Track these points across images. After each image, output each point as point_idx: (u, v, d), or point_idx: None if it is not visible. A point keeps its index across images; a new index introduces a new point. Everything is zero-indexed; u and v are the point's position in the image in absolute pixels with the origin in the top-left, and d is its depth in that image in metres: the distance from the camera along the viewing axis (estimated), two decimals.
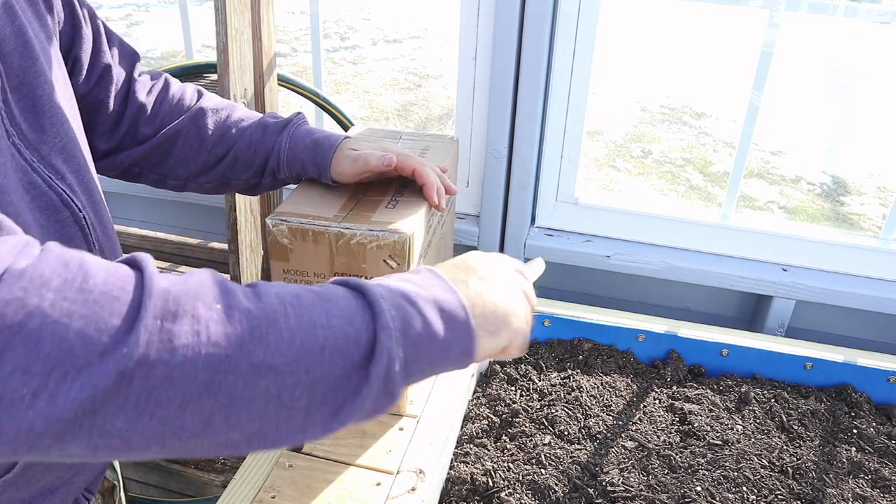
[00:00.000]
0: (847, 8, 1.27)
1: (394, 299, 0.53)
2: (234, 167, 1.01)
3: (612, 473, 1.04)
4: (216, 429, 0.45)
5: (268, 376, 0.46)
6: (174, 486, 1.87)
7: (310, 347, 0.47)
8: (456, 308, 0.56)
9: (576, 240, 1.49)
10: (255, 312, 0.46)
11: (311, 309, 0.49)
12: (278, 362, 0.46)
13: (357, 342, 0.49)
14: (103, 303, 0.42)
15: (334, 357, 0.48)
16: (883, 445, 1.13)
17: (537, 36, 1.29)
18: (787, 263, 1.43)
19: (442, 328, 0.55)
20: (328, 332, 0.48)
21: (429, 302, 0.55)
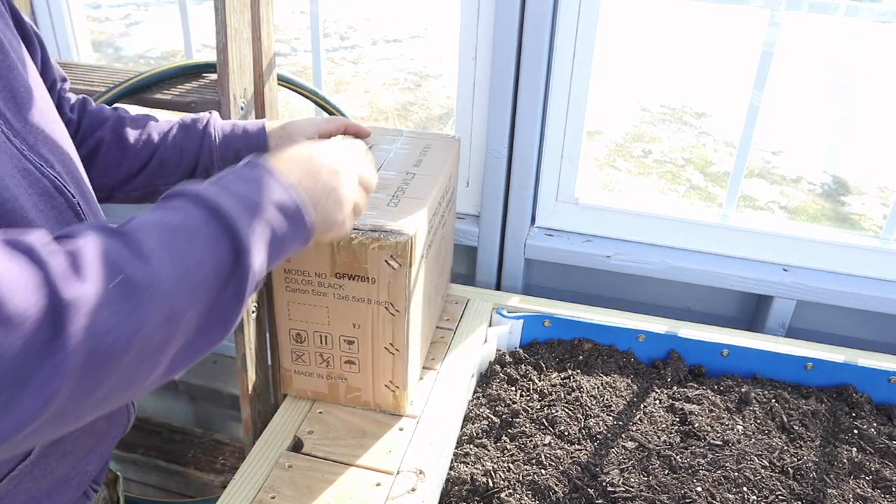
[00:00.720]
0: (848, 7, 1.27)
1: (243, 209, 0.61)
2: (160, 171, 1.00)
3: (612, 474, 1.04)
4: (145, 375, 0.55)
5: (167, 325, 0.54)
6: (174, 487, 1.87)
7: (192, 288, 0.56)
8: (293, 209, 0.66)
9: (576, 240, 1.49)
10: (144, 284, 0.53)
11: (185, 252, 0.56)
12: (172, 311, 0.54)
13: (223, 266, 0.59)
14: (17, 323, 0.46)
15: (209, 288, 0.58)
16: (884, 446, 1.13)
17: (537, 36, 1.29)
18: (788, 263, 1.43)
19: (287, 229, 0.65)
20: (203, 268, 0.57)
21: (274, 207, 0.64)
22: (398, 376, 1.05)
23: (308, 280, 0.99)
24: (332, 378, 1.08)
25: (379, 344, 1.02)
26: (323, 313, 1.02)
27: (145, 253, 0.54)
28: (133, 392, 0.55)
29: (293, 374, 1.09)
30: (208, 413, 1.99)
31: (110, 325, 0.50)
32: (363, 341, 1.03)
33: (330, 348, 1.05)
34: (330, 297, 1.00)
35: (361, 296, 0.98)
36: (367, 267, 0.95)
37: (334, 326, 1.03)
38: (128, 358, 0.52)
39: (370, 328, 1.01)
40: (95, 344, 0.49)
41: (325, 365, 1.07)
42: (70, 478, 0.83)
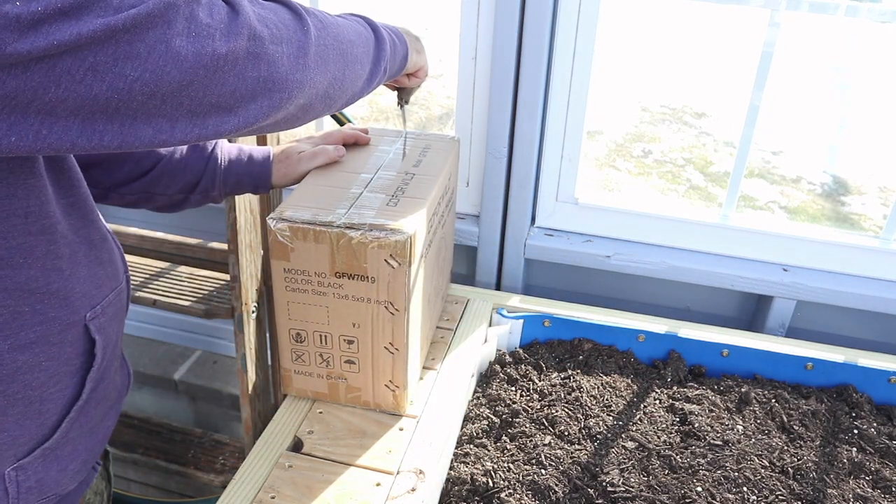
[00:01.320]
0: (848, 7, 1.27)
1: (388, 34, 0.93)
2: (159, 181, 1.02)
3: (612, 474, 1.04)
4: (345, 71, 0.80)
5: (351, 56, 0.81)
6: (174, 487, 1.87)
7: (357, 47, 0.83)
8: (400, 42, 0.97)
9: (576, 240, 1.49)
10: (336, 36, 0.79)
11: (353, 33, 0.83)
12: (354, 52, 0.82)
13: (369, 45, 0.87)
14: (288, 27, 0.71)
15: (367, 48, 0.86)
16: (884, 446, 1.13)
17: (537, 36, 1.29)
18: (788, 263, 1.43)
19: (399, 46, 0.97)
20: (359, 39, 0.85)
21: (391, 31, 0.96)
22: (398, 376, 1.05)
23: (308, 279, 0.99)
24: (332, 378, 1.08)
25: (379, 343, 1.02)
26: (323, 313, 1.02)
27: (338, 23, 0.81)
28: (348, 88, 0.82)
29: (293, 373, 1.09)
30: (208, 413, 1.99)
31: (330, 30, 0.77)
32: (363, 341, 1.03)
33: (330, 348, 1.05)
34: (330, 296, 1.00)
35: (361, 295, 0.98)
36: (367, 266, 0.95)
37: (334, 326, 1.02)
38: (340, 51, 0.78)
39: (370, 328, 1.01)
40: (321, 38, 0.75)
41: (325, 365, 1.07)
42: (96, 429, 0.87)
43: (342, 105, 0.84)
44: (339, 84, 0.79)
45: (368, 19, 0.92)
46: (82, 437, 0.85)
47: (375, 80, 0.89)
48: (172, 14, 0.57)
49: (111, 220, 1.85)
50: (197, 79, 0.60)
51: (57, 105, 0.54)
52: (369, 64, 0.86)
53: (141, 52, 0.55)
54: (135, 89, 0.56)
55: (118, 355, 0.90)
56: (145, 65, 0.56)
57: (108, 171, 1.01)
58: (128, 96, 0.56)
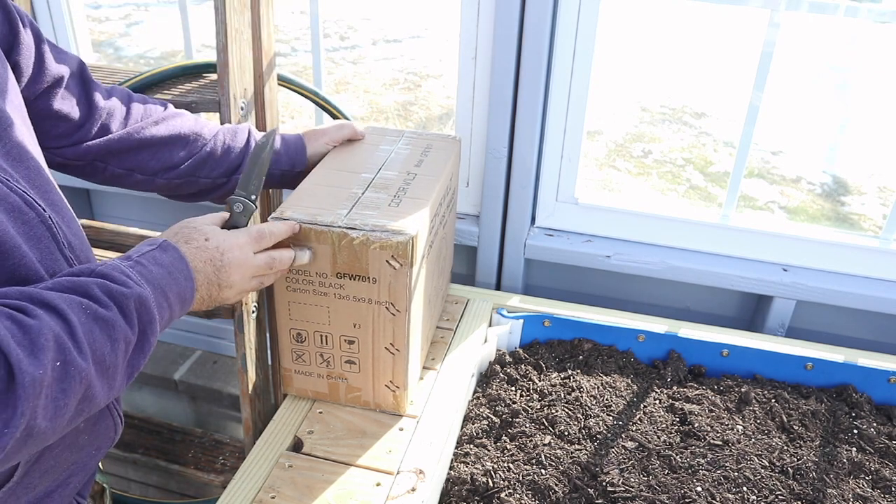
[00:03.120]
0: (848, 7, 1.27)
1: (157, 301, 0.73)
2: (205, 163, 1.05)
3: (612, 474, 1.04)
4: (72, 420, 0.65)
5: (84, 401, 0.65)
6: (174, 487, 1.87)
7: (106, 370, 0.67)
8: (189, 298, 0.79)
9: (576, 240, 1.49)
10: (79, 364, 0.63)
11: (103, 344, 0.67)
12: (90, 390, 0.65)
13: (130, 346, 0.70)
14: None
15: (119, 365, 0.69)
16: (883, 446, 1.13)
17: (537, 36, 1.29)
18: (788, 263, 1.43)
19: (177, 312, 0.78)
20: (116, 353, 0.68)
21: (176, 296, 0.76)
22: (398, 376, 1.05)
23: (309, 280, 0.99)
24: (332, 378, 1.08)
25: (379, 344, 1.02)
26: (323, 313, 1.01)
27: (79, 339, 0.64)
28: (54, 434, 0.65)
29: (293, 373, 1.09)
30: (208, 413, 1.99)
31: (45, 403, 0.60)
32: (363, 341, 1.03)
33: (330, 348, 1.05)
34: (331, 296, 0.99)
35: (362, 296, 0.98)
36: (368, 267, 0.95)
37: (335, 326, 1.02)
38: (45, 434, 0.62)
39: (371, 328, 1.01)
40: (31, 420, 0.59)
41: (326, 365, 1.07)
42: (53, 492, 0.82)
43: None
44: None
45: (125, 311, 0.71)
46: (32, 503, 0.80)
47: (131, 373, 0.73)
48: None
49: (108, 218, 1.85)
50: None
51: None
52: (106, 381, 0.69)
53: None
54: None
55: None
56: None
57: (156, 156, 1.02)
58: None
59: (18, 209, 0.71)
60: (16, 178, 0.73)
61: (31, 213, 0.73)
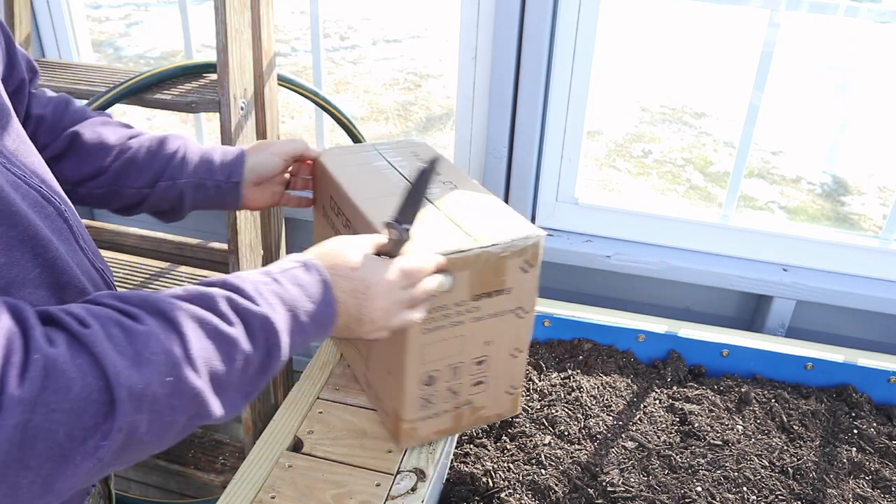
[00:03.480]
0: (848, 7, 1.27)
1: (287, 324, 0.69)
2: (128, 172, 0.97)
3: (612, 474, 1.04)
4: (183, 433, 0.63)
5: (194, 419, 0.63)
6: (174, 487, 1.87)
7: (225, 391, 0.65)
8: (327, 324, 0.74)
9: (576, 240, 1.49)
10: (191, 381, 0.61)
11: (225, 363, 0.64)
12: (202, 410, 0.63)
13: (253, 369, 0.68)
14: (84, 408, 0.54)
15: (238, 387, 0.67)
16: (883, 446, 1.13)
17: (537, 36, 1.29)
18: (788, 263, 1.43)
19: (310, 335, 0.73)
20: (233, 374, 0.65)
21: (310, 317, 0.72)
22: (517, 378, 1.01)
23: (446, 314, 0.91)
24: (458, 408, 1.01)
25: (505, 353, 0.98)
26: (457, 343, 0.94)
27: (192, 356, 0.61)
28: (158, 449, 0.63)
29: (417, 422, 0.99)
30: None
31: (150, 418, 0.58)
32: (493, 356, 0.97)
33: (460, 378, 0.97)
34: (466, 323, 0.92)
35: (496, 310, 0.93)
36: (505, 279, 0.91)
37: (467, 352, 0.95)
38: (149, 446, 0.60)
39: (501, 340, 0.96)
40: (132, 435, 0.57)
41: (453, 396, 0.99)
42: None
43: None
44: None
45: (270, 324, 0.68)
46: None
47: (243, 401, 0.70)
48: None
49: (108, 218, 1.85)
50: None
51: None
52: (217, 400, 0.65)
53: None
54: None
55: None
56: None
57: (77, 167, 0.96)
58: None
59: (39, 204, 0.72)
60: (29, 173, 0.73)
61: (49, 207, 0.73)
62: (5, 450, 0.51)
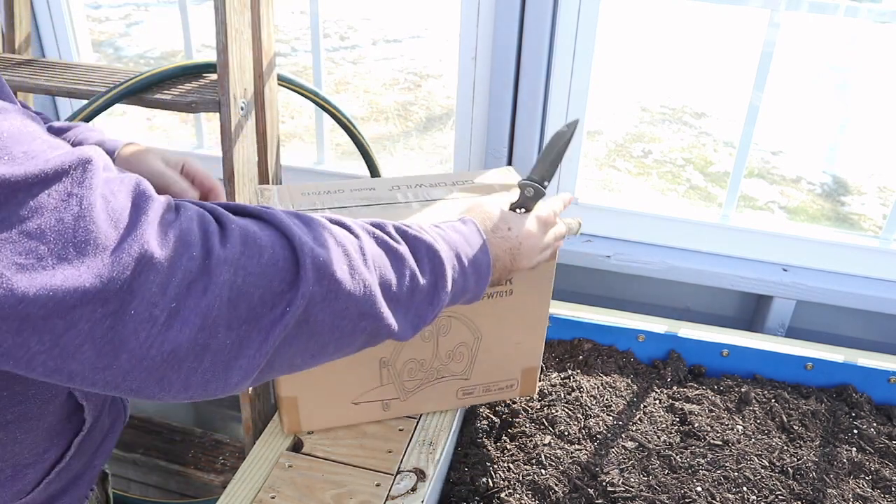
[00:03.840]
0: (848, 7, 1.27)
1: (451, 259, 0.74)
2: None
3: (612, 474, 1.04)
4: (348, 338, 0.65)
5: (365, 318, 0.65)
6: (174, 487, 1.87)
7: (395, 301, 0.68)
8: (485, 272, 0.79)
9: (576, 240, 1.49)
10: (363, 273, 0.64)
11: (389, 271, 0.67)
12: (387, 320, 0.67)
13: (424, 293, 0.71)
14: (273, 273, 0.58)
15: (408, 303, 0.70)
16: (883, 446, 1.13)
17: (537, 36, 1.29)
18: (788, 263, 1.43)
19: (472, 283, 0.78)
20: (399, 292, 0.68)
21: (471, 262, 0.77)
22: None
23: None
24: None
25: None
26: None
27: (367, 254, 0.65)
28: (340, 352, 0.67)
29: None
30: (208, 413, 1.99)
31: (327, 296, 0.61)
32: None
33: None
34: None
35: None
36: None
37: None
38: (323, 335, 0.62)
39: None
40: (311, 308, 0.60)
41: None
42: (83, 475, 0.84)
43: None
44: (318, 358, 0.65)
45: (437, 252, 0.72)
46: (64, 488, 0.81)
47: (417, 326, 0.73)
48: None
49: None
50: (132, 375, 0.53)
51: None
52: (396, 320, 0.69)
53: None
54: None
55: (108, 400, 0.85)
56: None
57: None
58: None
59: None
60: None
61: None
62: (217, 305, 0.54)
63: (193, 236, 0.55)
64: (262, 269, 0.57)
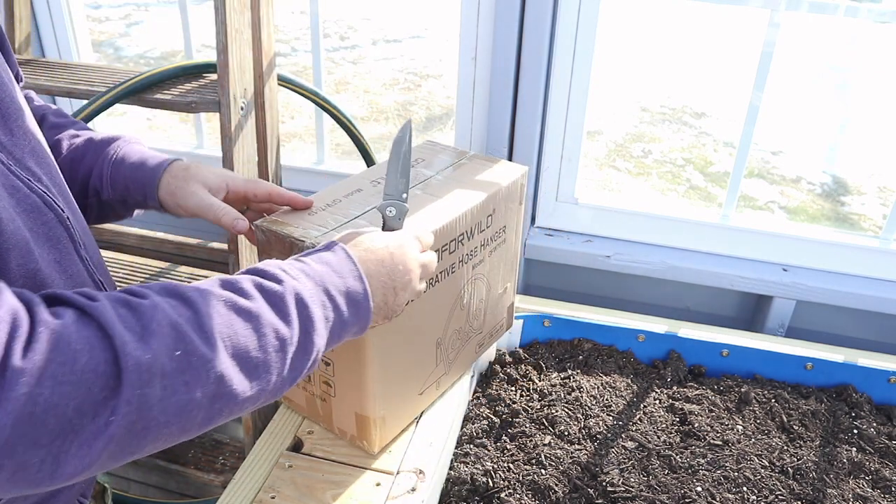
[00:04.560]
0: (848, 7, 1.27)
1: (318, 297, 0.68)
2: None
3: (612, 474, 1.04)
4: (211, 419, 0.60)
5: (220, 400, 0.60)
6: (174, 487, 1.87)
7: (247, 369, 0.61)
8: (362, 299, 0.73)
9: (576, 240, 1.49)
10: (205, 356, 0.58)
11: (246, 336, 0.61)
12: (222, 390, 0.60)
13: (284, 345, 0.65)
14: (92, 381, 0.52)
15: (265, 367, 0.63)
16: (883, 446, 1.13)
17: (537, 36, 1.29)
18: (788, 263, 1.43)
19: (349, 315, 0.71)
20: (258, 350, 0.62)
21: (343, 294, 0.71)
22: (366, 407, 0.97)
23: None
24: (313, 395, 1.02)
25: (349, 371, 0.94)
26: None
27: (207, 329, 0.59)
28: (178, 439, 0.60)
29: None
30: None
31: (162, 394, 0.55)
32: (338, 364, 0.95)
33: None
34: None
35: None
36: None
37: None
38: (169, 428, 0.57)
39: (342, 353, 0.93)
40: (143, 411, 0.54)
41: (308, 380, 1.00)
42: (57, 492, 0.80)
43: None
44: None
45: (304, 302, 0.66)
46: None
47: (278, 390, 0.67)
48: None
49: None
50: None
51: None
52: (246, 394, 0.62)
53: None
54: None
55: None
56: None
57: None
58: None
59: (38, 209, 0.70)
60: (38, 175, 0.72)
61: (50, 213, 0.71)
62: (13, 424, 0.49)
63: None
64: (78, 377, 0.52)
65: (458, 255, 0.99)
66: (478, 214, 1.00)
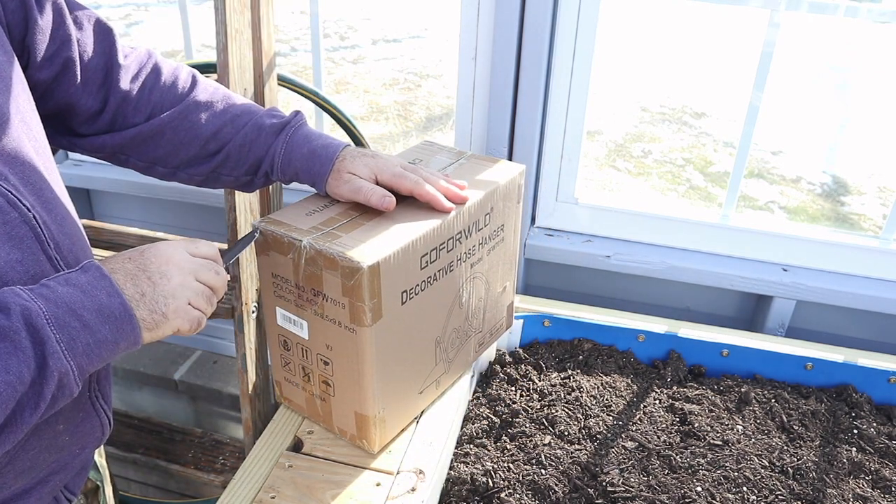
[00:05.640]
0: (848, 7, 1.27)
1: (60, 318, 0.64)
2: (225, 163, 0.99)
3: (612, 474, 1.04)
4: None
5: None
6: (174, 487, 1.88)
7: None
8: (119, 312, 0.68)
9: (576, 240, 1.49)
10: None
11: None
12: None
13: (24, 380, 0.61)
14: None
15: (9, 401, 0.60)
16: (883, 446, 1.13)
17: (537, 36, 1.29)
18: (788, 263, 1.43)
19: (108, 332, 0.67)
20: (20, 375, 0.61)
21: (93, 311, 0.66)
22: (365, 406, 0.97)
23: (290, 290, 0.94)
24: (313, 395, 1.02)
25: (349, 370, 0.95)
26: (303, 327, 0.96)
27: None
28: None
29: (283, 381, 1.05)
30: (208, 413, 1.99)
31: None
32: (338, 364, 0.95)
33: (310, 363, 0.99)
34: (308, 312, 0.94)
35: (333, 317, 0.91)
36: (324, 290, 0.90)
37: (313, 342, 0.96)
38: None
39: (342, 352, 0.93)
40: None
41: (307, 379, 1.01)
42: (31, 490, 0.80)
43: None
44: None
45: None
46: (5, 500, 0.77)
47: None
48: None
49: (108, 218, 1.85)
50: None
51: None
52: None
53: None
54: None
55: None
56: None
57: (173, 154, 0.97)
58: None
59: (0, 209, 0.70)
60: (4, 175, 0.71)
61: (13, 212, 0.71)
62: None
63: None
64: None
65: (456, 253, 0.99)
66: (475, 213, 1.00)
